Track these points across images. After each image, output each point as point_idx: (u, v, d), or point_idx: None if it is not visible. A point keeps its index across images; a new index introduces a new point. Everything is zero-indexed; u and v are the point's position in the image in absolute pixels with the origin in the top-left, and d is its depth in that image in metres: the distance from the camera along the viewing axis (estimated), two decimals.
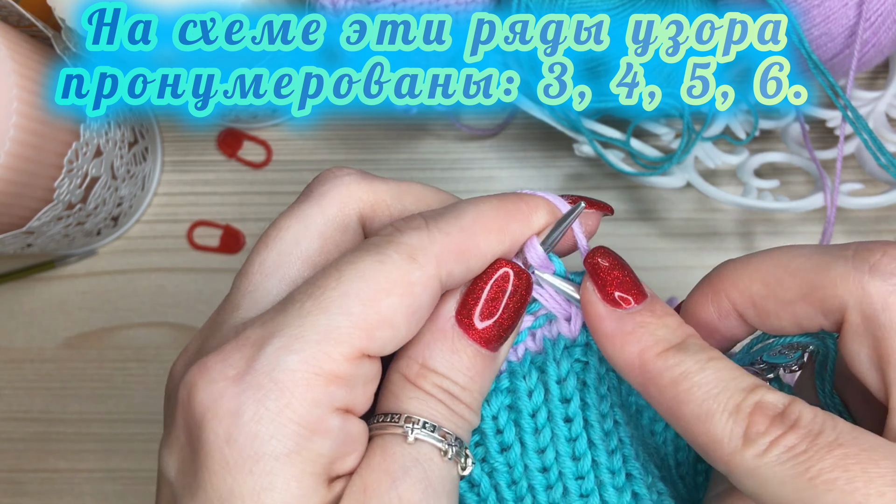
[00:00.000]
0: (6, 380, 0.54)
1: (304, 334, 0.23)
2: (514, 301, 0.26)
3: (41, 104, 0.43)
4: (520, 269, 0.27)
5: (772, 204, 0.46)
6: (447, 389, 0.25)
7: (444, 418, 0.25)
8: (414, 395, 0.25)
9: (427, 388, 0.25)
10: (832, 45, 0.41)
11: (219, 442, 0.22)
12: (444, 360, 0.26)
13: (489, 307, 0.26)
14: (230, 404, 0.22)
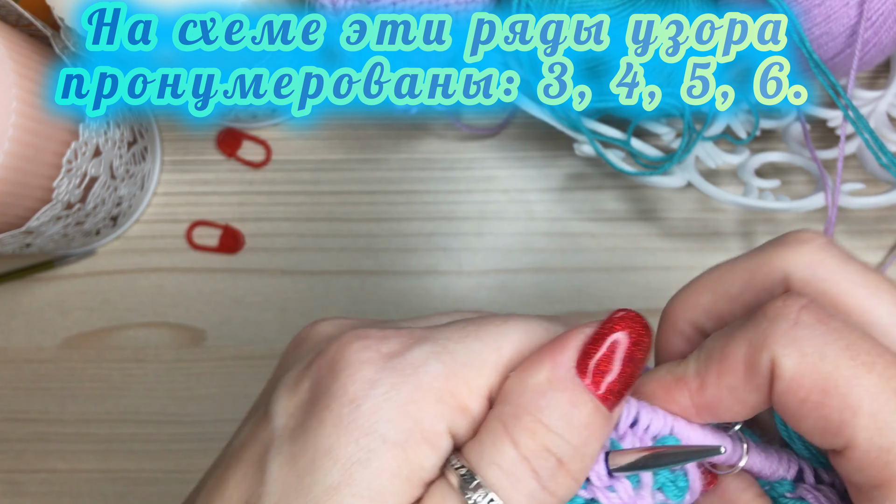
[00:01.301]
0: (5, 380, 0.54)
1: (457, 351, 0.24)
2: (641, 354, 0.24)
3: (40, 104, 0.43)
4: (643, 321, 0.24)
5: (773, 204, 0.46)
6: (556, 453, 0.23)
7: (524, 499, 0.22)
8: (498, 461, 0.22)
9: (528, 450, 0.23)
10: (833, 45, 0.41)
11: (344, 400, 0.23)
12: (560, 413, 0.23)
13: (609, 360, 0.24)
14: (370, 374, 0.23)
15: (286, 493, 0.22)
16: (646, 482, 0.25)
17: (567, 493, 0.23)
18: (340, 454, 0.22)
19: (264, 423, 0.25)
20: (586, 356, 0.24)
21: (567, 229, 0.53)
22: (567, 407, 0.23)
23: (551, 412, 0.23)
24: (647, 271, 0.52)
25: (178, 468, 0.53)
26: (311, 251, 0.54)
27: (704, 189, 0.46)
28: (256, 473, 0.23)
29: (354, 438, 0.22)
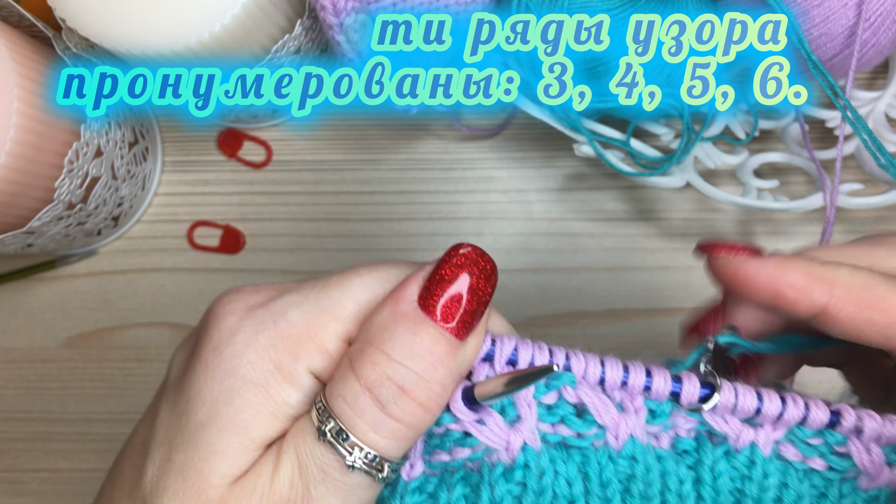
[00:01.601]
0: (7, 379, 0.55)
1: (316, 301, 0.26)
2: (479, 281, 0.25)
3: (42, 104, 0.43)
4: (483, 253, 0.26)
5: (771, 204, 0.46)
6: (397, 380, 0.24)
7: (368, 426, 0.24)
8: (343, 393, 0.24)
9: (368, 381, 0.24)
10: (832, 46, 0.41)
11: (209, 347, 0.26)
12: (403, 343, 0.24)
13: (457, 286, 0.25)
14: (233, 323, 0.26)
15: (168, 433, 0.26)
16: (526, 416, 0.27)
17: (415, 420, 0.25)
18: (207, 395, 0.25)
19: (164, 380, 0.28)
20: (428, 290, 0.25)
21: (566, 229, 0.53)
22: (408, 336, 0.24)
23: (393, 342, 0.24)
24: (646, 271, 0.53)
25: None
26: (311, 251, 0.54)
27: (703, 189, 0.46)
28: (152, 420, 0.27)
29: (219, 380, 0.25)
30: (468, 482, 0.27)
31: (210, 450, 0.25)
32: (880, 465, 0.27)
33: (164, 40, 0.40)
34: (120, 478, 0.27)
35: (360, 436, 0.24)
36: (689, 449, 0.28)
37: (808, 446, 0.28)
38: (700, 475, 0.28)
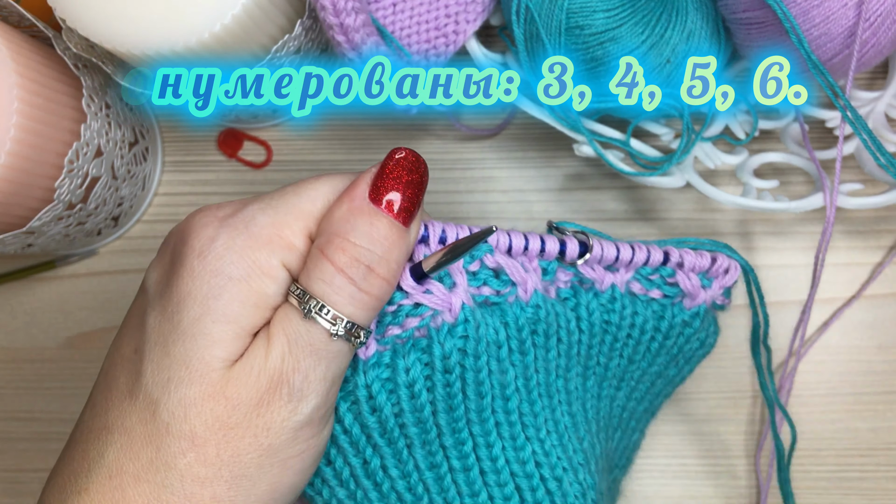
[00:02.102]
0: (7, 380, 0.55)
1: (279, 205, 0.31)
2: (415, 177, 0.32)
3: (41, 104, 0.43)
4: (416, 154, 0.32)
5: (771, 204, 0.46)
6: (364, 261, 0.30)
7: (349, 300, 0.29)
8: (321, 276, 0.29)
9: (341, 264, 0.29)
10: (831, 46, 0.41)
11: (193, 254, 0.30)
12: (363, 232, 0.30)
13: (395, 185, 0.31)
14: (211, 232, 0.30)
15: (162, 334, 0.30)
16: (460, 282, 0.34)
17: (381, 292, 0.30)
18: (198, 294, 0.29)
19: (141, 295, 0.32)
20: (376, 187, 0.31)
21: None
22: (367, 226, 0.30)
23: (355, 232, 0.30)
24: None
25: None
26: None
27: (703, 189, 0.46)
28: (139, 327, 0.31)
29: (206, 280, 0.29)
30: (418, 346, 0.33)
31: (208, 339, 0.29)
32: (697, 288, 0.38)
33: (165, 40, 0.40)
34: (114, 384, 0.31)
35: (340, 308, 0.29)
36: (568, 296, 0.37)
37: (649, 281, 0.39)
38: (579, 314, 0.37)
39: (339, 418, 0.34)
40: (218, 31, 0.40)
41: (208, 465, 0.28)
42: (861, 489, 0.51)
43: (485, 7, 0.46)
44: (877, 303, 0.52)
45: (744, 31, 0.43)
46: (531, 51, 0.44)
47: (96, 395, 0.32)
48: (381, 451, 0.34)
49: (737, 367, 0.52)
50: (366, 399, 0.33)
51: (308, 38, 0.46)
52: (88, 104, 0.45)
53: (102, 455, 0.30)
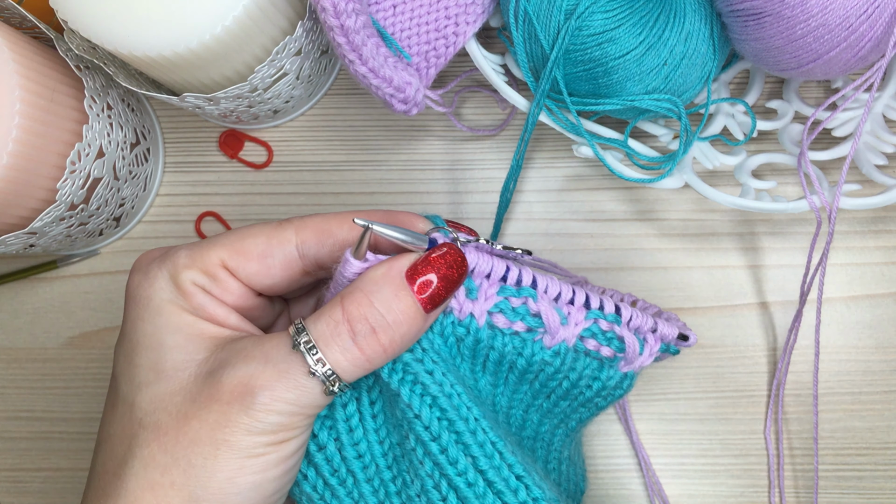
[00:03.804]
0: (9, 379, 0.55)
1: (199, 244, 0.35)
2: (456, 274, 0.33)
3: (44, 105, 0.43)
4: (462, 255, 0.33)
5: (769, 205, 0.46)
6: (372, 323, 0.31)
7: (338, 348, 0.31)
8: (328, 319, 0.32)
9: (350, 314, 0.31)
10: (829, 38, 0.41)
11: (132, 287, 0.34)
12: (384, 298, 0.32)
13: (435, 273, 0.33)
14: (146, 268, 0.35)
15: (125, 353, 0.34)
16: (481, 299, 0.35)
17: (373, 354, 0.32)
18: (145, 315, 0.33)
19: None
20: (415, 268, 0.32)
21: (565, 230, 0.53)
22: (391, 294, 0.32)
23: (378, 294, 0.32)
24: (645, 271, 0.53)
25: None
26: None
27: (701, 190, 0.46)
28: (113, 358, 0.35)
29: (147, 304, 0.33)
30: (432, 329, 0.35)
31: (165, 347, 0.33)
32: (557, 326, 0.36)
33: (166, 42, 0.40)
34: (104, 409, 0.35)
35: (327, 353, 0.31)
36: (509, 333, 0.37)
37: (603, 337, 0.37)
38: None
39: (320, 444, 0.36)
40: (219, 32, 0.40)
41: (167, 452, 0.31)
42: (859, 488, 0.51)
43: (484, 9, 0.46)
44: (875, 303, 0.52)
45: (741, 24, 0.43)
46: (530, 52, 0.44)
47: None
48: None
49: (735, 367, 0.52)
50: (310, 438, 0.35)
51: (309, 39, 0.46)
52: (90, 105, 0.45)
53: (94, 464, 0.34)
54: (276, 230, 0.35)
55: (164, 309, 0.33)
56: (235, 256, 0.34)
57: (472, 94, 0.54)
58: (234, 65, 0.44)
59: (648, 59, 0.42)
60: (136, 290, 0.34)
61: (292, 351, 0.31)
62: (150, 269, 0.35)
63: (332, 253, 0.35)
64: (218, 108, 0.47)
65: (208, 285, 0.34)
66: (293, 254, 0.35)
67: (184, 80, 0.45)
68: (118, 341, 0.35)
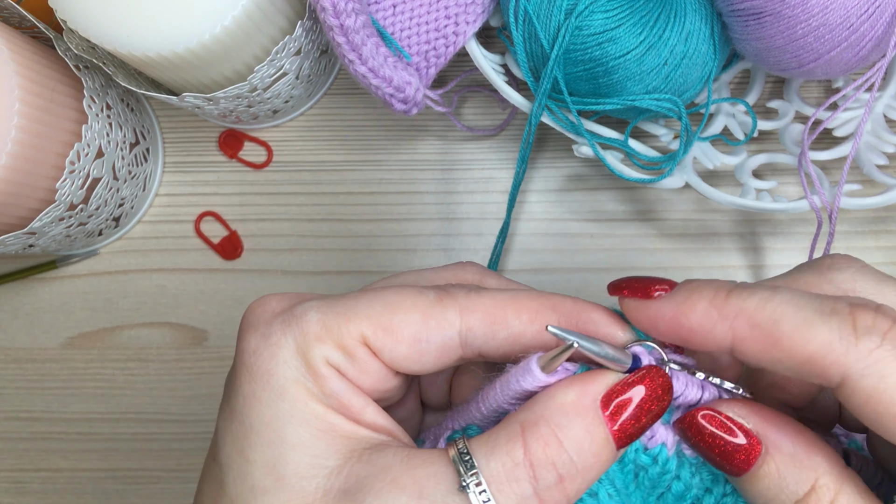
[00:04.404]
0: (8, 379, 0.55)
1: (334, 306, 0.28)
2: (658, 408, 0.26)
3: (43, 105, 0.43)
4: (671, 384, 0.26)
5: (770, 205, 0.46)
6: (560, 468, 0.25)
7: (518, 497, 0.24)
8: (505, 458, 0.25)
9: (537, 458, 0.25)
10: (830, 38, 0.41)
11: (248, 352, 0.28)
12: (576, 435, 0.25)
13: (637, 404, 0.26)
14: (265, 328, 0.28)
15: (236, 438, 0.27)
16: None
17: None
18: (262, 395, 0.27)
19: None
20: (613, 392, 0.26)
21: (566, 230, 0.53)
22: (583, 432, 0.25)
23: (568, 431, 0.25)
24: (646, 271, 0.53)
25: (179, 467, 0.53)
26: (312, 251, 0.54)
27: (702, 190, 0.46)
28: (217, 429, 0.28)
29: (266, 381, 0.27)
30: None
31: (287, 444, 0.26)
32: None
33: (165, 42, 0.40)
34: (201, 498, 0.28)
35: (499, 499, 0.24)
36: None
37: None
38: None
39: None
40: (218, 32, 0.40)
41: None
42: None
43: (484, 8, 0.46)
44: None
45: (741, 24, 0.42)
46: (530, 52, 0.44)
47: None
48: None
49: None
50: None
51: (308, 39, 0.46)
52: (89, 105, 0.45)
53: None
54: (434, 308, 0.28)
55: (288, 391, 0.27)
56: (382, 335, 0.28)
57: (471, 94, 0.54)
58: (233, 65, 0.44)
59: (649, 59, 0.42)
60: (253, 357, 0.27)
61: (457, 492, 0.24)
62: (272, 332, 0.28)
63: (502, 347, 0.28)
64: (217, 108, 0.47)
65: (344, 366, 0.27)
66: (454, 340, 0.28)
67: (183, 80, 0.44)
68: (224, 414, 0.28)
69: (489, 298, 0.28)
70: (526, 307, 0.28)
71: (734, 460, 0.25)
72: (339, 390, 0.27)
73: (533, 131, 0.46)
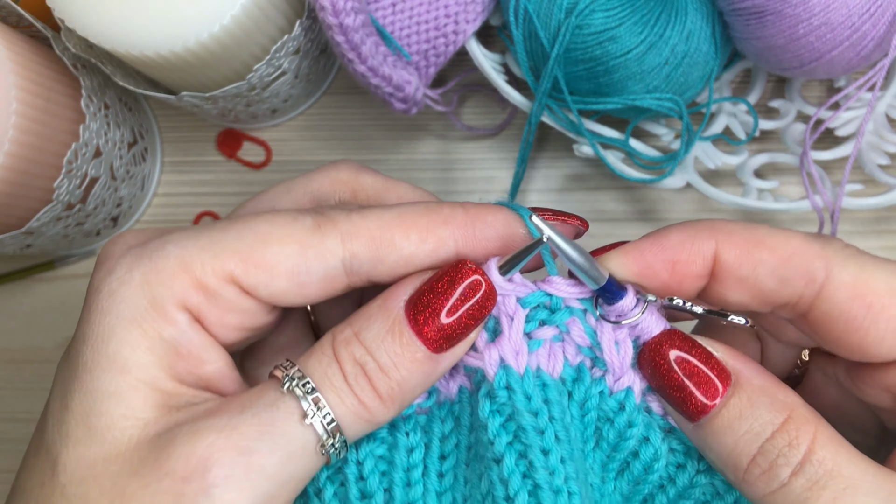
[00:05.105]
0: (6, 380, 0.55)
1: (196, 239, 0.25)
2: (472, 311, 0.25)
3: (40, 105, 0.43)
4: (491, 285, 0.26)
5: (772, 205, 0.46)
6: (363, 365, 0.25)
7: (336, 392, 0.24)
8: (322, 357, 0.25)
9: (342, 357, 0.25)
10: (832, 37, 0.41)
11: (91, 290, 0.26)
12: (377, 335, 0.25)
13: (440, 306, 0.25)
14: (111, 264, 0.26)
15: (62, 383, 0.25)
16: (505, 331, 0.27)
17: (375, 405, 0.25)
18: (89, 336, 0.25)
19: None
20: (417, 297, 0.25)
21: None
22: (383, 330, 0.25)
23: (368, 331, 0.25)
24: None
25: None
26: None
27: (704, 190, 0.46)
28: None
29: (98, 320, 0.25)
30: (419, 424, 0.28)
31: (101, 393, 0.24)
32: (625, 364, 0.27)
33: (163, 41, 0.40)
34: (30, 443, 0.27)
35: (326, 396, 0.24)
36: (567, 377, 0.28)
37: None
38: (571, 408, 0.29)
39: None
40: (217, 32, 0.40)
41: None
42: None
43: (484, 7, 0.45)
44: None
45: (742, 23, 0.42)
46: (530, 51, 0.44)
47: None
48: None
49: None
50: (355, 480, 0.27)
51: (307, 38, 0.45)
52: (87, 104, 0.45)
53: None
54: (312, 236, 0.26)
55: (117, 334, 0.25)
56: (254, 271, 0.25)
57: (471, 94, 0.54)
58: (232, 64, 0.43)
59: (650, 58, 0.42)
60: (93, 295, 0.25)
61: (282, 394, 0.24)
62: (117, 266, 0.25)
63: (394, 271, 0.26)
64: (216, 108, 0.47)
65: (205, 308, 0.25)
66: (338, 270, 0.26)
67: (181, 80, 0.44)
68: (62, 358, 0.26)
69: (373, 220, 0.26)
70: (415, 225, 0.26)
71: (704, 391, 0.25)
72: (183, 339, 0.25)
73: (533, 131, 0.46)
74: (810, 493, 0.23)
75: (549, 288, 0.27)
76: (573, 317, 0.27)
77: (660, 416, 0.27)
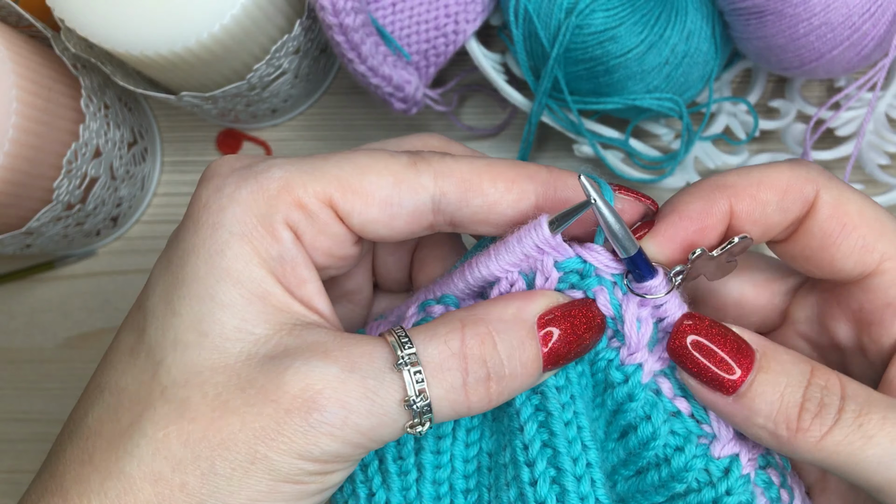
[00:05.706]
0: (6, 380, 0.55)
1: (300, 164, 0.27)
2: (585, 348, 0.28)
3: (40, 105, 0.43)
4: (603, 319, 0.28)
5: None
6: (489, 366, 0.26)
7: (445, 388, 0.25)
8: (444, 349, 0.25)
9: (472, 355, 0.26)
10: (832, 37, 0.41)
11: (199, 204, 0.27)
12: (509, 342, 0.26)
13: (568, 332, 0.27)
14: (219, 182, 0.27)
15: (166, 289, 0.26)
16: None
17: (478, 405, 0.26)
18: (200, 248, 0.26)
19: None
20: (551, 314, 0.27)
21: None
22: (517, 341, 0.26)
23: (505, 336, 0.26)
24: None
25: None
26: None
27: None
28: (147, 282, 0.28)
29: (209, 234, 0.26)
30: None
31: (216, 302, 0.25)
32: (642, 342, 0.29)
33: (163, 41, 0.40)
34: (117, 343, 0.27)
35: (432, 387, 0.25)
36: None
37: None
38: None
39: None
40: (216, 31, 0.40)
41: (188, 444, 0.24)
42: None
43: (484, 7, 0.45)
44: None
45: (743, 23, 0.42)
46: (530, 51, 0.44)
47: (105, 355, 0.28)
48: None
49: None
50: (393, 459, 0.30)
51: (307, 38, 0.45)
52: (87, 104, 0.45)
53: (86, 414, 0.26)
54: (408, 171, 0.27)
55: (230, 248, 0.26)
56: (351, 197, 0.27)
57: (471, 94, 0.54)
58: (232, 64, 0.43)
59: (650, 58, 0.42)
60: (202, 210, 0.27)
61: (391, 370, 0.25)
62: (226, 184, 0.27)
63: (476, 215, 0.28)
64: (216, 107, 0.47)
65: (303, 226, 0.27)
66: (427, 205, 0.27)
67: (181, 79, 0.44)
68: (160, 264, 0.28)
69: (465, 164, 0.28)
70: (502, 175, 0.27)
71: (738, 361, 0.26)
72: (287, 255, 0.26)
73: (533, 130, 0.46)
74: (862, 419, 0.25)
75: (585, 254, 0.28)
76: (601, 286, 0.28)
77: (668, 400, 0.28)
